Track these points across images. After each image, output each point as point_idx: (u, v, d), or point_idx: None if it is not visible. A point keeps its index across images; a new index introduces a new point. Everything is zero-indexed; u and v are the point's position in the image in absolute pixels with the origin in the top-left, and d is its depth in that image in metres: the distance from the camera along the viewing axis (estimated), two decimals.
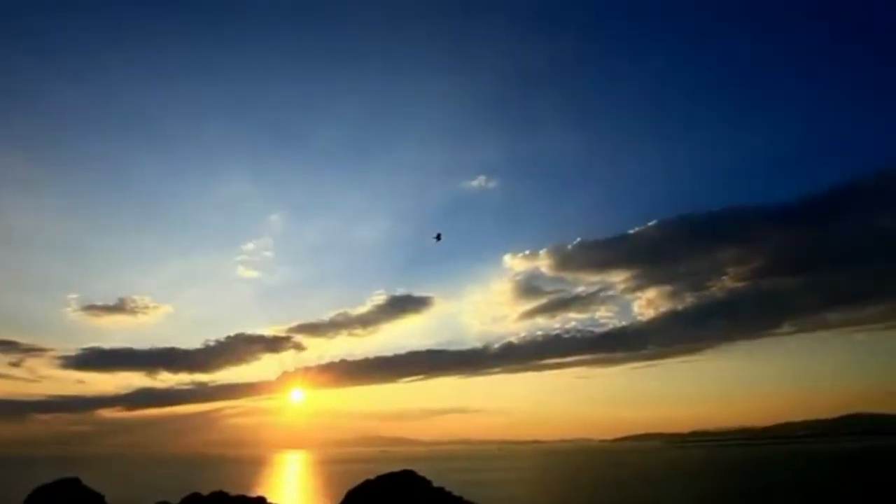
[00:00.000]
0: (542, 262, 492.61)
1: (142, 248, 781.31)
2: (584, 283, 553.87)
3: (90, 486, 49.29)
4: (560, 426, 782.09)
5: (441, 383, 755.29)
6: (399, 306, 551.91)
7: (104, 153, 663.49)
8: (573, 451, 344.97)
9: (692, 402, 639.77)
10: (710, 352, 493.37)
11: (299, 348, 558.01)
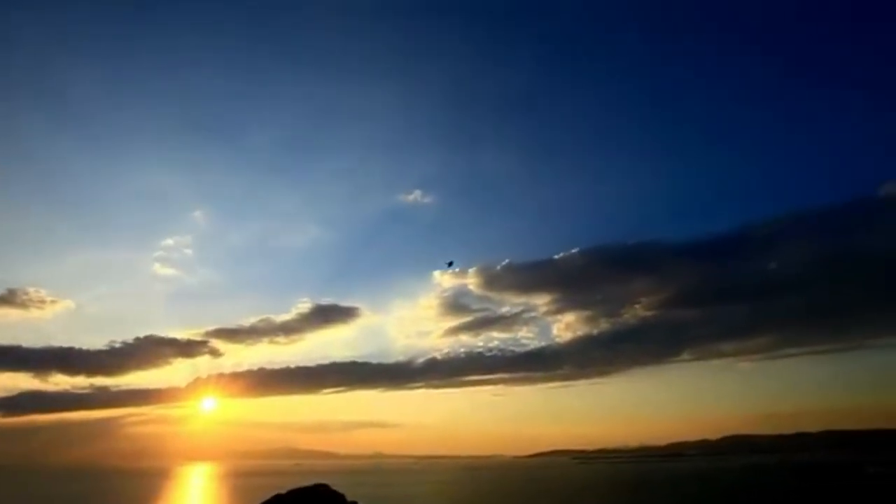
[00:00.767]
0: (471, 281, 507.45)
1: (39, 235, 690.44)
2: (509, 303, 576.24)
3: None
4: (477, 442, 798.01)
5: (362, 396, 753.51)
6: (324, 316, 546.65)
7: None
8: (488, 467, 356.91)
9: (600, 422, 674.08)
10: (619, 375, 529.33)
11: (215, 354, 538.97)
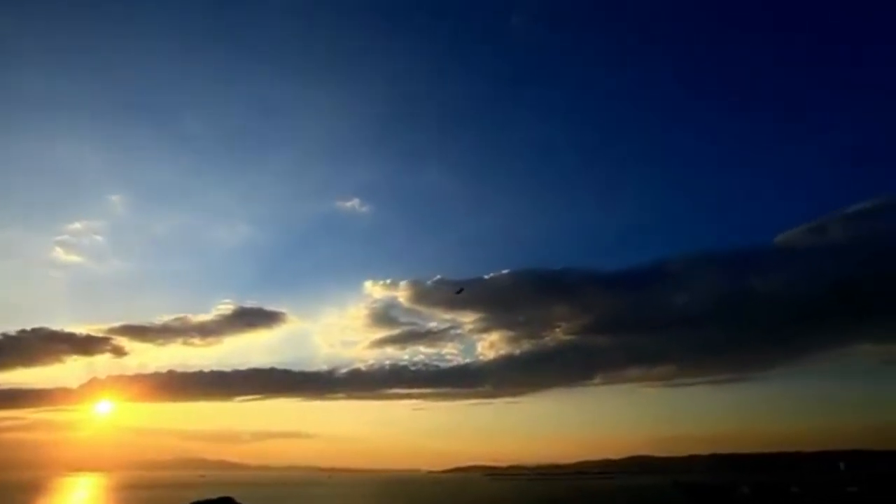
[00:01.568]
0: (402, 293, 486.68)
1: None
2: (438, 318, 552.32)
3: None
4: (393, 456, 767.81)
5: (280, 405, 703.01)
6: (247, 319, 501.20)
7: None
8: (402, 481, 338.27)
9: (514, 440, 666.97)
10: (535, 395, 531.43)
11: (119, 353, 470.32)
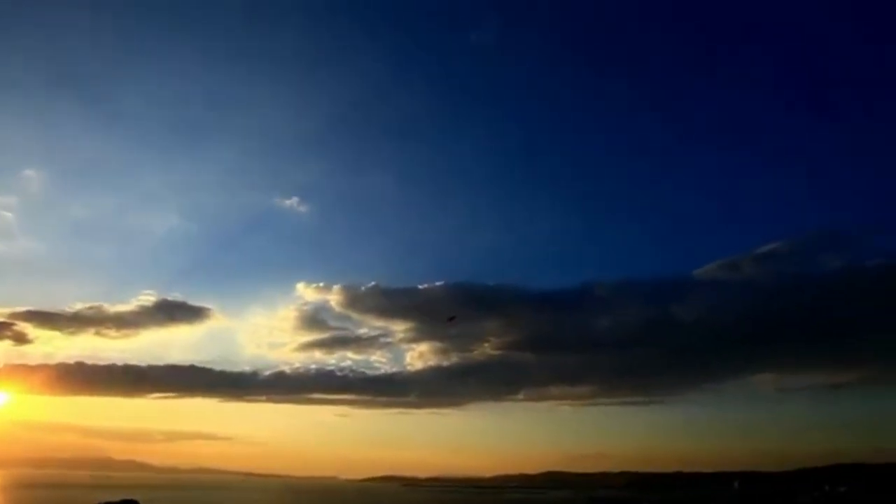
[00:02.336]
0: (334, 298, 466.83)
1: None
2: (368, 325, 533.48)
3: None
4: (312, 462, 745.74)
5: (196, 404, 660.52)
6: (169, 312, 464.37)
7: None
8: (316, 489, 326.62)
9: (435, 451, 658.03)
10: (460, 408, 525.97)
11: (21, 340, 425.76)
